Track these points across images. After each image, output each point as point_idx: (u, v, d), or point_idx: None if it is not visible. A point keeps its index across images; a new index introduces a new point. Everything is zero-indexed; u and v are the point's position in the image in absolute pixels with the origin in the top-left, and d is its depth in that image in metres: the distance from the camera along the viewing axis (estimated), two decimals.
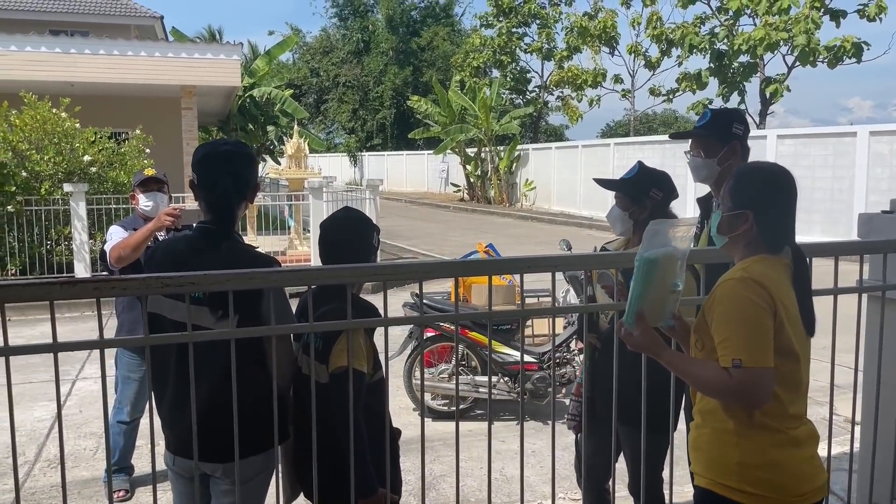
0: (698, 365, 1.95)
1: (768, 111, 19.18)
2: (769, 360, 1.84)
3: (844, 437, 4.34)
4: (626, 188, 3.00)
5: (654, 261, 1.93)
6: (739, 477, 1.91)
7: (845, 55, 17.39)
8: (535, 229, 19.40)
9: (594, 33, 24.86)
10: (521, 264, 2.53)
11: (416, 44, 43.60)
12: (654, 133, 39.52)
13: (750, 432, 1.92)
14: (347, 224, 2.40)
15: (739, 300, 1.88)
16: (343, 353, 2.18)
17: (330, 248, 2.36)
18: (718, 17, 19.56)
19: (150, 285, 2.02)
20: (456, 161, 29.65)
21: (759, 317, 1.86)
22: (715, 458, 1.97)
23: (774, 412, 1.91)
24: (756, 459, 1.91)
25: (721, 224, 2.04)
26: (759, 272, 1.92)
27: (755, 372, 1.81)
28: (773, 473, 1.91)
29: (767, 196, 1.99)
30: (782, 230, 2.00)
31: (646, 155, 19.95)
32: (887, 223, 3.09)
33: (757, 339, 1.84)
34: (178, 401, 2.24)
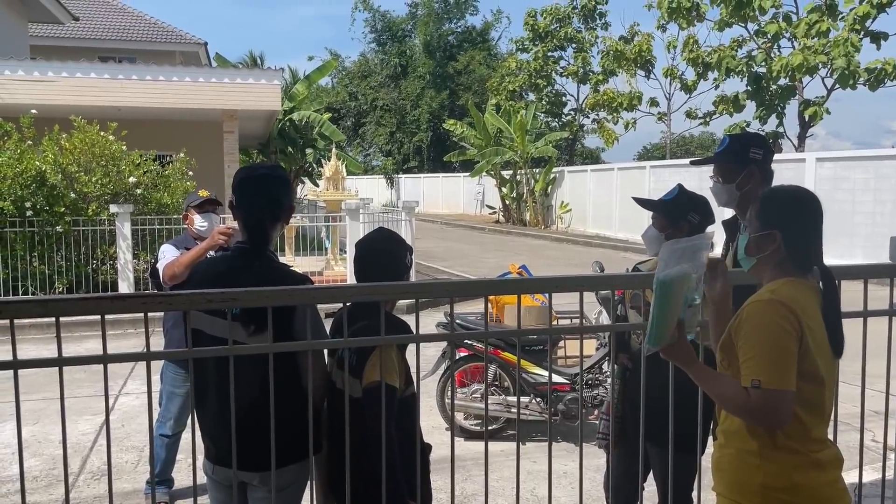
0: (722, 381, 1.98)
1: (807, 134, 18.94)
2: (790, 382, 1.86)
3: (877, 465, 4.27)
4: (665, 209, 3.05)
5: (669, 283, 1.98)
6: (762, 498, 1.93)
7: (887, 77, 17.14)
8: (570, 251, 19.36)
9: (630, 57, 24.89)
10: (550, 284, 2.60)
11: (453, 68, 44.11)
12: (691, 156, 39.22)
13: (773, 454, 1.93)
14: (381, 244, 2.50)
15: (765, 322, 1.90)
16: (376, 368, 2.27)
17: (364, 267, 2.46)
18: (756, 40, 19.45)
19: (194, 301, 2.13)
20: (491, 183, 29.80)
21: (782, 340, 1.88)
22: (738, 479, 1.98)
23: (798, 435, 1.93)
24: (779, 482, 1.92)
25: (749, 245, 2.07)
26: (786, 295, 1.94)
27: (774, 394, 1.84)
28: (796, 496, 1.92)
29: (794, 216, 2.02)
30: (810, 251, 2.03)
31: (682, 178, 19.79)
32: None
33: (778, 362, 1.86)
34: (219, 412, 2.35)
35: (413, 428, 2.41)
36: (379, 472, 2.25)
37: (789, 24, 18.37)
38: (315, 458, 2.46)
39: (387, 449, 2.25)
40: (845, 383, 2.85)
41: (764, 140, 3.22)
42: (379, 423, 2.23)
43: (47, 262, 10.26)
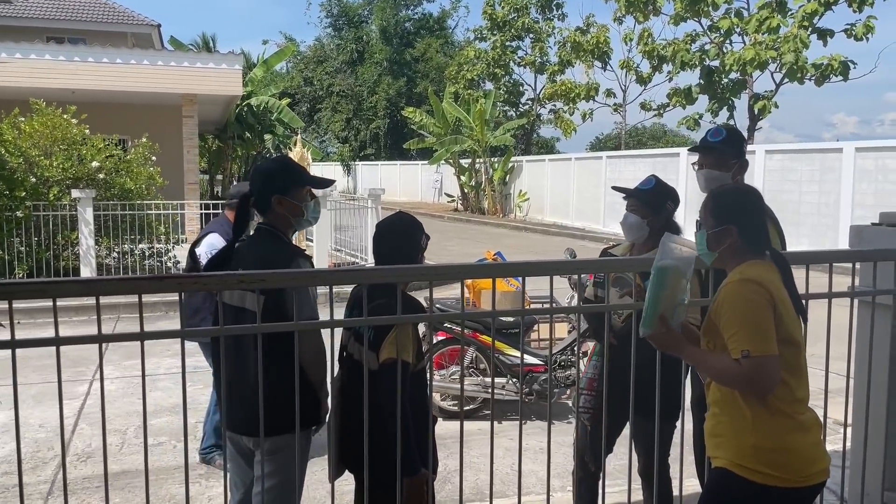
0: (715, 358, 2.19)
1: (756, 127, 19.59)
2: (773, 348, 2.08)
3: (837, 437, 4.60)
4: (646, 198, 3.27)
5: (667, 269, 2.18)
6: (755, 458, 2.14)
7: (832, 73, 17.84)
8: (529, 240, 19.69)
9: (587, 48, 25.29)
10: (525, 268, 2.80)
11: (410, 55, 44.03)
12: (643, 146, 40.03)
13: (764, 418, 2.15)
14: (399, 227, 2.66)
15: (741, 299, 2.14)
16: (392, 344, 2.43)
17: (384, 249, 2.63)
18: (709, 34, 20.00)
19: (227, 282, 2.26)
20: (450, 172, 29.95)
21: (759, 312, 2.11)
22: (732, 442, 2.19)
23: (785, 397, 2.15)
24: (770, 443, 2.14)
25: (709, 241, 2.30)
26: (754, 273, 2.19)
27: (761, 360, 2.06)
28: (785, 456, 2.14)
29: (744, 210, 2.28)
30: (761, 237, 2.28)
31: (637, 168, 20.31)
32: (876, 234, 3.36)
33: (760, 331, 2.08)
34: (226, 382, 2.52)
35: (425, 399, 2.58)
36: (393, 441, 2.41)
37: (741, 19, 18.94)
38: (330, 428, 2.63)
39: (401, 419, 2.42)
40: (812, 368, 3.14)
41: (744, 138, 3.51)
42: (393, 397, 2.39)
43: (6, 247, 10.06)
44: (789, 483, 2.13)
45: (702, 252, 2.33)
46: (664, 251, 2.21)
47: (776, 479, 2.12)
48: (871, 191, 14.60)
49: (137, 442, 5.25)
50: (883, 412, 3.25)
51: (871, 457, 3.29)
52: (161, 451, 5.01)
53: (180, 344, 2.31)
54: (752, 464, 2.14)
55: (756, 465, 2.13)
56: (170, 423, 5.51)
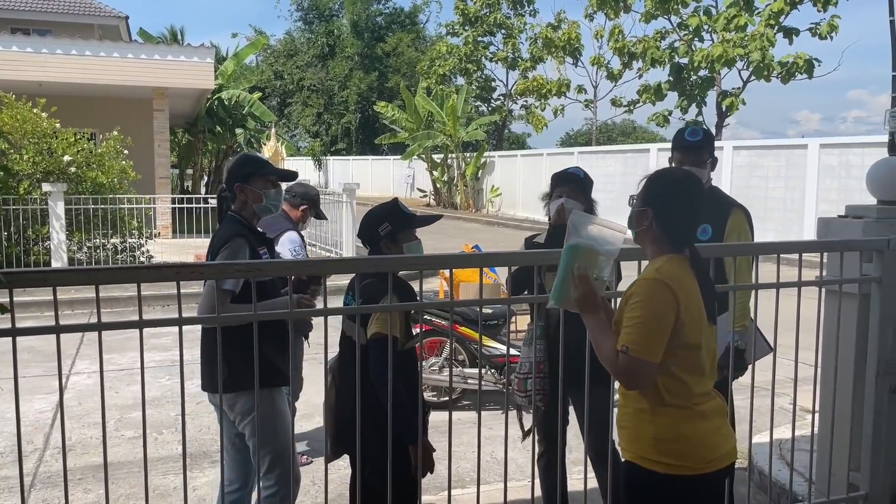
0: (606, 339, 2.17)
1: (724, 123, 19.97)
2: (654, 355, 2.09)
3: (805, 423, 4.78)
4: (581, 184, 3.57)
5: (576, 247, 2.21)
6: (656, 450, 2.16)
7: (798, 71, 18.24)
8: (503, 234, 19.85)
9: (558, 44, 25.48)
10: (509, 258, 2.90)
11: (382, 49, 43.91)
12: (613, 142, 40.45)
13: (662, 410, 2.17)
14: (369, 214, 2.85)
15: (648, 299, 2.12)
16: (380, 320, 2.55)
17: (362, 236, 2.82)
18: (678, 32, 20.30)
19: (223, 271, 2.32)
20: (422, 167, 30.00)
21: (658, 318, 2.11)
22: (634, 435, 2.22)
23: (681, 393, 2.17)
24: (668, 434, 2.16)
25: (630, 219, 2.30)
26: (669, 273, 2.16)
27: (637, 361, 2.07)
28: (685, 445, 2.16)
29: (669, 198, 2.22)
30: (683, 231, 2.25)
31: (608, 163, 20.58)
32: (843, 226, 3.51)
33: (649, 337, 2.09)
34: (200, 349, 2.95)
35: (415, 377, 2.68)
36: (384, 415, 2.51)
37: (709, 17, 19.27)
38: (326, 411, 2.75)
39: (393, 391, 2.53)
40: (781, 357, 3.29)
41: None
42: (380, 368, 2.51)
43: None
44: (693, 471, 2.16)
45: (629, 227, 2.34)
46: (573, 230, 2.24)
47: (679, 467, 2.16)
48: (835, 186, 14.99)
49: (118, 434, 5.26)
50: (849, 397, 3.40)
51: (838, 440, 3.44)
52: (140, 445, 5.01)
53: (178, 332, 2.36)
54: (654, 455, 2.17)
55: (658, 456, 2.17)
56: (151, 416, 5.51)
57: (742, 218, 3.54)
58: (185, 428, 2.57)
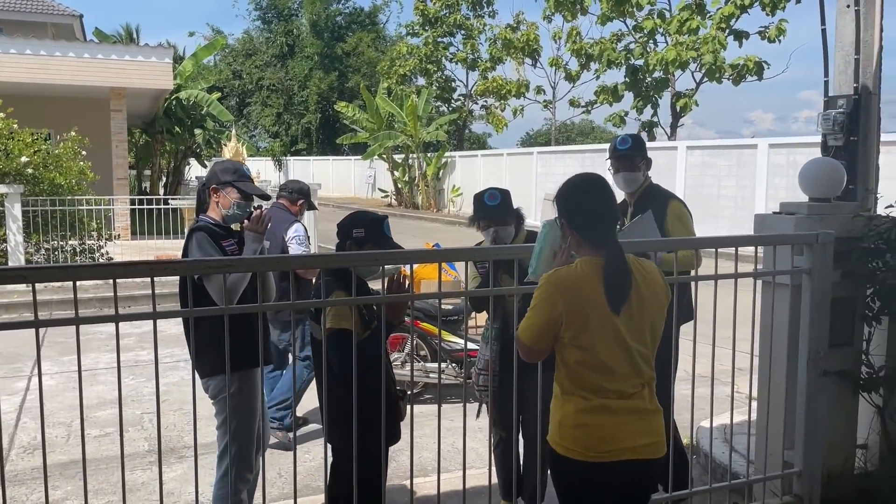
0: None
1: (679, 123, 20.48)
2: (535, 343, 2.34)
3: (745, 409, 5.07)
4: (501, 210, 3.79)
5: (552, 226, 2.47)
6: (560, 434, 2.35)
7: (748, 73, 18.81)
8: (464, 233, 20.01)
9: (517, 45, 25.80)
10: (470, 253, 3.08)
11: (342, 49, 43.78)
12: (572, 142, 41.02)
13: (567, 397, 2.36)
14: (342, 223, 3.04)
15: (539, 293, 2.33)
16: (332, 316, 2.74)
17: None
18: (634, 34, 20.75)
19: (195, 267, 2.45)
20: (383, 167, 30.06)
21: (542, 314, 2.31)
22: (550, 417, 2.43)
23: (586, 386, 2.32)
24: (569, 420, 2.33)
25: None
26: (565, 276, 2.31)
27: (520, 341, 2.39)
28: (582, 432, 2.32)
29: (571, 205, 2.39)
30: (592, 230, 2.35)
31: (567, 163, 20.93)
32: (777, 221, 3.77)
33: (531, 324, 2.34)
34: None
35: (377, 362, 2.84)
36: (346, 404, 2.69)
37: (663, 20, 19.75)
38: None
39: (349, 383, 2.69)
40: (720, 347, 3.53)
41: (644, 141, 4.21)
42: (337, 360, 2.71)
43: None
44: (586, 457, 2.29)
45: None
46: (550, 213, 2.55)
47: (575, 452, 2.31)
48: (784, 184, 15.52)
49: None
50: (783, 381, 3.65)
51: (774, 422, 3.70)
52: (109, 441, 5.09)
53: (152, 326, 2.48)
54: (558, 439, 2.35)
55: (561, 440, 2.35)
56: (115, 415, 5.56)
57: (680, 205, 3.89)
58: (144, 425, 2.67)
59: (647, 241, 3.12)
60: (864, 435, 3.98)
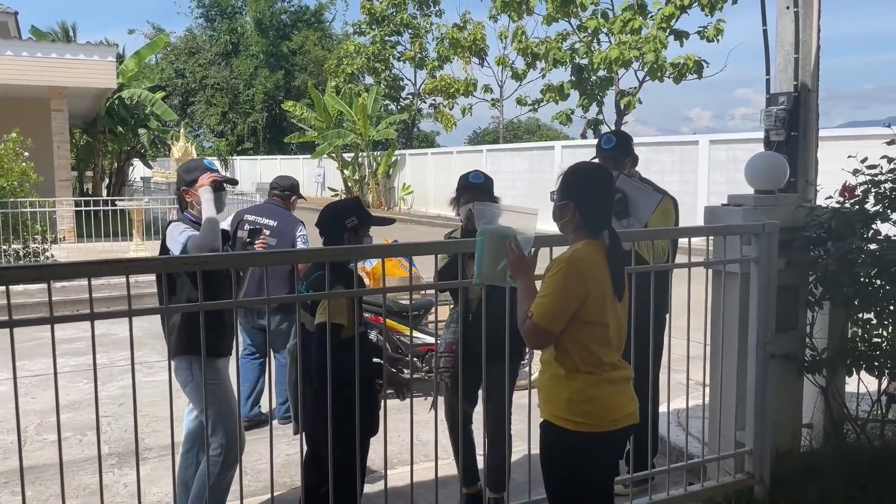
0: (524, 301, 2.49)
1: (623, 121, 20.92)
2: (554, 326, 2.41)
3: (698, 394, 5.29)
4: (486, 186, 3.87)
5: (489, 234, 2.54)
6: (570, 410, 2.47)
7: (688, 71, 19.36)
8: (416, 231, 20.10)
9: (464, 45, 25.99)
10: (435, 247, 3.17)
11: (287, 47, 43.30)
12: (519, 140, 41.44)
13: (576, 375, 2.48)
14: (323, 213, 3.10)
15: (559, 278, 2.42)
16: (324, 310, 2.81)
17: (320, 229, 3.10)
18: (578, 34, 21.12)
19: (171, 264, 2.47)
20: (332, 166, 29.90)
21: (565, 296, 2.41)
22: (552, 397, 2.54)
23: (592, 362, 2.48)
24: (580, 396, 2.47)
25: (554, 213, 2.55)
26: (582, 258, 2.43)
27: (538, 327, 2.42)
28: (593, 405, 2.47)
29: (586, 190, 2.52)
30: (601, 218, 2.52)
31: (516, 161, 21.20)
32: (726, 213, 3.97)
33: (551, 310, 2.40)
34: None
35: (362, 358, 2.90)
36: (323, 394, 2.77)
37: (606, 20, 20.16)
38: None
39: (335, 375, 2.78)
40: (675, 337, 3.69)
41: (630, 136, 4.32)
42: (322, 351, 2.76)
43: None
44: (599, 428, 2.47)
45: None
46: (479, 217, 2.62)
47: (588, 425, 2.46)
48: (724, 179, 16.04)
49: (40, 439, 5.22)
50: (734, 365, 3.83)
51: (726, 404, 3.89)
52: (67, 445, 5.00)
53: (128, 324, 2.49)
54: (567, 414, 2.48)
55: (571, 415, 2.47)
56: (72, 419, 5.50)
57: (669, 204, 4.07)
58: (104, 428, 2.69)
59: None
60: (810, 414, 4.21)
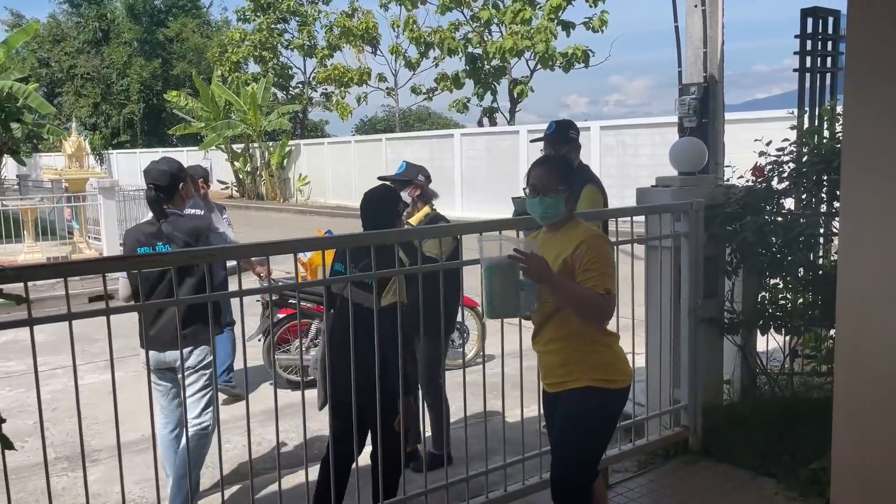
0: (585, 292, 2.65)
1: (516, 109, 21.65)
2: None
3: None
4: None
5: (493, 268, 2.59)
6: (614, 370, 2.79)
7: (576, 60, 20.25)
8: (319, 222, 19.93)
9: (356, 32, 25.87)
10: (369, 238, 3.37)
11: (164, 35, 41.38)
12: (410, 128, 41.68)
13: (606, 340, 2.81)
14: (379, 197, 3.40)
15: (604, 248, 2.73)
16: (394, 293, 3.04)
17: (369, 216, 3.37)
18: (471, 24, 21.58)
19: (181, 258, 2.54)
20: (221, 157, 29.01)
21: (612, 260, 2.76)
22: (591, 364, 2.77)
23: (605, 328, 2.82)
24: (613, 358, 2.81)
25: (567, 202, 2.77)
26: (596, 229, 2.87)
27: (614, 299, 2.73)
28: (623, 363, 2.84)
29: (571, 178, 2.84)
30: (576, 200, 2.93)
31: (416, 149, 21.43)
32: (655, 193, 4.36)
33: (613, 276, 2.73)
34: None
35: None
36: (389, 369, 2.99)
37: (498, 11, 20.72)
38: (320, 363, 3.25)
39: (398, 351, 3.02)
40: None
41: (573, 123, 4.51)
42: (395, 327, 3.00)
43: None
44: (627, 382, 2.84)
45: (550, 213, 2.77)
46: (484, 250, 2.65)
47: (622, 381, 2.81)
48: (614, 163, 16.95)
49: None
50: (668, 330, 4.23)
51: (662, 366, 4.28)
52: (9, 452, 4.81)
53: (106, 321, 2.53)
54: (612, 375, 2.78)
55: (614, 374, 2.78)
56: (12, 427, 5.27)
57: (593, 190, 4.34)
58: (47, 433, 2.71)
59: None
60: (730, 371, 4.71)
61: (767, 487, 3.84)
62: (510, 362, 3.78)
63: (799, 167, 4.30)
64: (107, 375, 7.35)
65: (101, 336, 7.67)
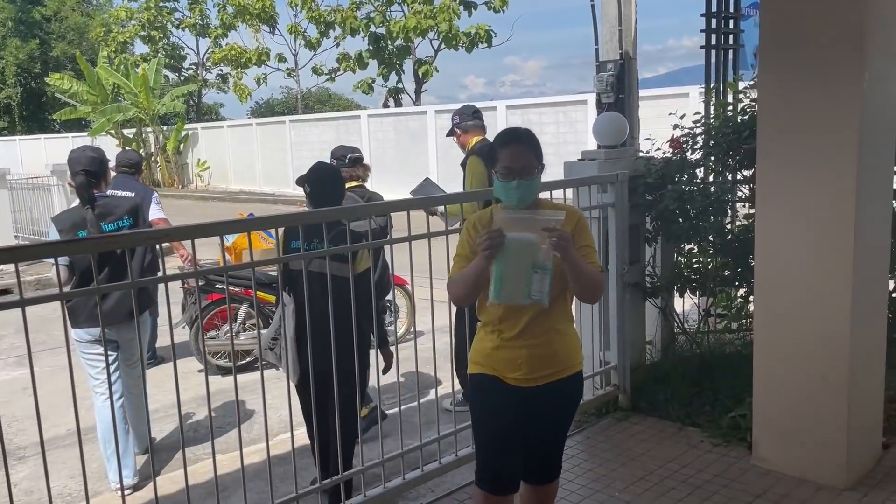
0: (591, 270, 2.49)
1: (422, 89, 21.67)
2: None
3: None
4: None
5: (508, 244, 2.33)
6: (580, 354, 2.78)
7: (480, 41, 20.46)
8: (223, 208, 19.40)
9: (252, 12, 25.10)
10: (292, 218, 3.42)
11: (40, 14, 38.71)
12: (311, 110, 40.91)
13: (573, 326, 2.78)
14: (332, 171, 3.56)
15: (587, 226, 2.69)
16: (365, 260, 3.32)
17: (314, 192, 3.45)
18: (373, 3, 21.38)
19: (135, 239, 2.48)
20: (112, 143, 27.56)
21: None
22: (575, 349, 2.69)
23: (571, 314, 2.75)
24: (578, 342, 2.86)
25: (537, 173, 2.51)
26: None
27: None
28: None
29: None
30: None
31: (321, 130, 21.12)
32: (582, 167, 4.56)
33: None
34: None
35: None
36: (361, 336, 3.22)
37: None
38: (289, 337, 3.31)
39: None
40: None
41: (464, 108, 5.19)
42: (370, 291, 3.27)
43: None
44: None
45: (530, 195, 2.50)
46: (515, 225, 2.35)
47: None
48: None
49: None
50: None
51: (593, 330, 4.49)
52: None
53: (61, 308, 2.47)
54: (580, 356, 2.75)
55: (580, 356, 2.76)
56: None
57: (474, 161, 4.88)
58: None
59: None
60: (651, 332, 5.00)
61: (693, 436, 4.13)
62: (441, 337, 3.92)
63: (710, 138, 4.59)
64: (17, 372, 7.03)
65: (6, 332, 7.30)
